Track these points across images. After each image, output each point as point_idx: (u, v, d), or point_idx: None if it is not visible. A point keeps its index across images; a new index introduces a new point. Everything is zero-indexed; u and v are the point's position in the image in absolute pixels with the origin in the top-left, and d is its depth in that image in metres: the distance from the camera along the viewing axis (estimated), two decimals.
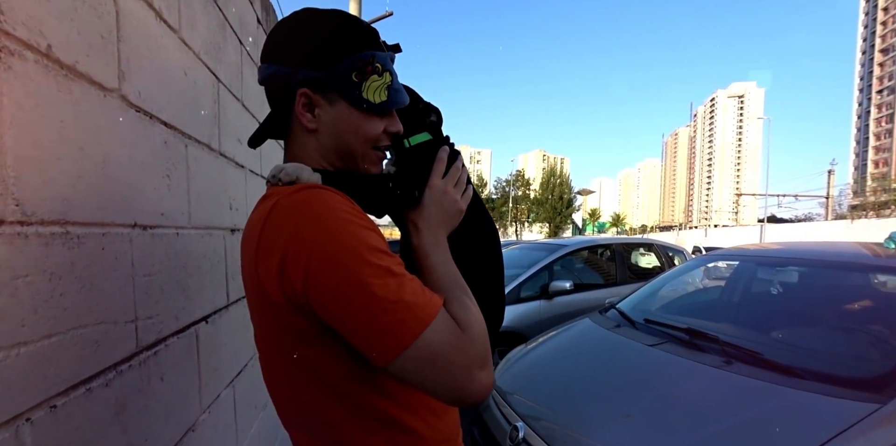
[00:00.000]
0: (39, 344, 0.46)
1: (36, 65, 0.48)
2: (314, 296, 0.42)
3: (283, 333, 0.47)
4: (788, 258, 2.25)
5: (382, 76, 0.55)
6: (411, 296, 0.43)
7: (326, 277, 0.41)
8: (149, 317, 0.68)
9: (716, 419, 1.20)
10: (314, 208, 0.45)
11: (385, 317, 0.41)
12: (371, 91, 0.54)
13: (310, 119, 0.54)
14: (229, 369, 1.03)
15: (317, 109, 0.54)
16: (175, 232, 0.79)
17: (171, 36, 0.84)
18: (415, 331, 0.42)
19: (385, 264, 0.44)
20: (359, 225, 0.45)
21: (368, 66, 0.54)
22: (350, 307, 0.41)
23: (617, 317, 2.25)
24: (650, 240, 4.82)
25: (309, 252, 0.42)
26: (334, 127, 0.55)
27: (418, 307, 0.43)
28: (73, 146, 0.54)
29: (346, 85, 0.53)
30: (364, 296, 0.41)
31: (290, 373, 0.49)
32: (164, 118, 0.79)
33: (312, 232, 0.43)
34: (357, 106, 0.54)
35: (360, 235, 0.44)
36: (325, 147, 0.56)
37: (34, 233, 0.46)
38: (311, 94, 0.53)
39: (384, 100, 0.55)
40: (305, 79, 0.52)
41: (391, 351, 0.41)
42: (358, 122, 0.55)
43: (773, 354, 1.49)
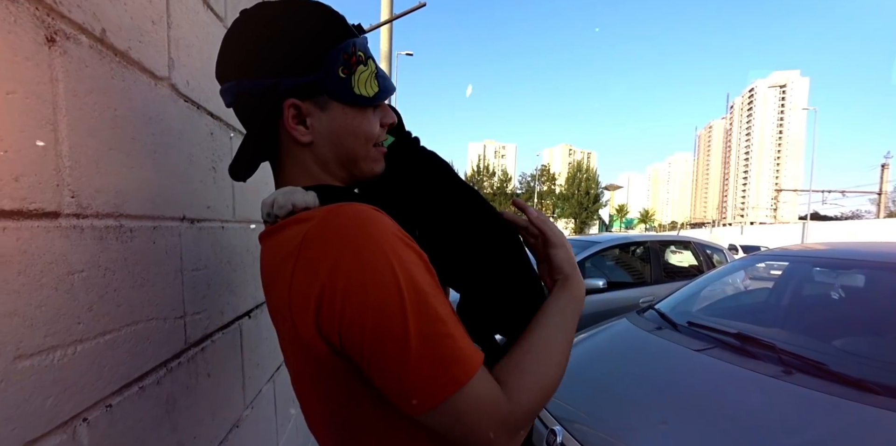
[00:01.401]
0: (95, 341, 0.44)
1: (91, 50, 0.46)
2: (349, 343, 0.38)
3: (327, 384, 0.43)
4: (853, 260, 2.07)
5: (367, 64, 0.49)
6: (451, 349, 0.38)
7: (361, 324, 0.37)
8: (196, 312, 0.67)
9: (779, 434, 1.11)
10: (351, 238, 0.39)
11: (417, 372, 0.37)
12: (362, 84, 0.48)
13: (303, 132, 0.47)
14: (270, 364, 1.03)
15: (308, 119, 0.47)
16: (221, 225, 0.78)
17: (218, 24, 0.82)
18: (446, 391, 0.37)
19: (431, 311, 0.39)
20: (405, 258, 0.40)
21: (353, 57, 0.47)
22: (383, 357, 0.37)
23: (657, 319, 2.14)
24: (687, 238, 4.60)
25: (344, 296, 0.37)
26: (332, 134, 0.48)
27: (454, 364, 0.38)
28: (125, 136, 0.52)
29: (335, 83, 0.46)
30: (399, 347, 0.37)
31: (330, 414, 0.45)
32: (211, 109, 0.77)
33: (347, 271, 0.37)
34: (352, 104, 0.48)
35: (408, 272, 0.39)
36: (325, 158, 0.49)
37: (89, 226, 0.45)
38: (299, 104, 0.46)
39: (377, 90, 0.49)
40: (291, 88, 0.45)
41: (420, 408, 0.38)
42: (355, 123, 0.49)
43: (840, 365, 1.37)
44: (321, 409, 0.46)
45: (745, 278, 2.92)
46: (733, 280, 2.87)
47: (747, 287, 2.86)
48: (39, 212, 0.38)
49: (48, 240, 0.39)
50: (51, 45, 0.41)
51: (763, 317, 2.20)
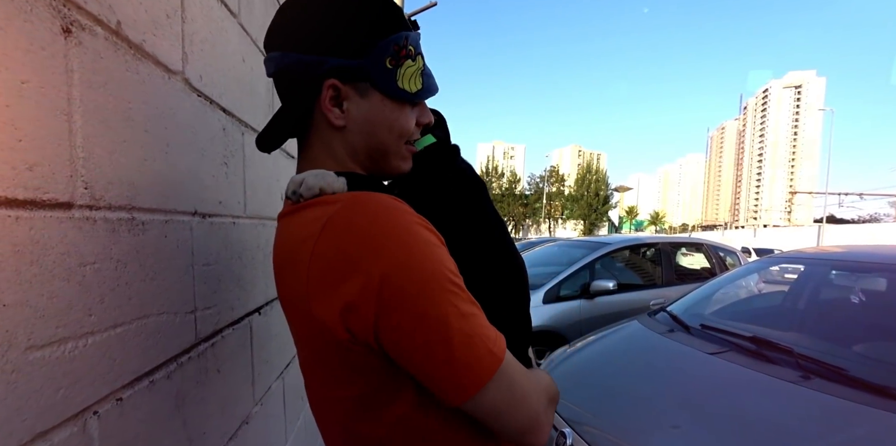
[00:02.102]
0: (106, 334, 0.44)
1: (106, 42, 0.46)
2: (385, 329, 0.37)
3: (343, 369, 0.42)
4: (874, 263, 2.01)
5: (416, 60, 0.48)
6: (486, 328, 0.39)
7: (402, 309, 0.36)
8: (207, 307, 0.67)
9: (798, 441, 1.07)
10: (384, 222, 0.38)
11: (464, 353, 0.37)
12: (406, 78, 0.47)
13: (337, 115, 0.46)
14: (279, 361, 1.03)
15: (345, 103, 0.46)
16: (232, 221, 0.78)
17: (231, 20, 0.82)
18: (493, 366, 0.38)
19: (460, 291, 0.39)
20: (431, 242, 0.39)
21: (403, 50, 0.46)
22: (427, 343, 0.36)
23: (668, 321, 2.11)
24: (700, 240, 4.53)
25: (382, 281, 0.36)
26: (366, 123, 0.47)
27: (491, 340, 0.39)
28: (138, 128, 0.52)
29: (381, 73, 0.46)
30: (443, 330, 0.36)
31: (346, 410, 0.44)
32: (224, 104, 0.77)
33: (384, 255, 0.36)
34: (393, 96, 0.47)
35: (436, 257, 0.38)
36: (354, 145, 0.48)
37: (102, 218, 0.44)
38: (340, 86, 0.45)
39: (420, 88, 0.48)
40: (335, 68, 0.44)
41: (470, 388, 0.37)
42: (392, 116, 0.48)
43: (861, 371, 1.32)
44: (336, 404, 0.45)
45: (759, 282, 2.86)
46: (746, 283, 2.81)
47: (761, 290, 2.81)
48: (53, 203, 0.38)
49: (61, 230, 0.39)
50: (67, 36, 0.41)
51: (779, 321, 2.15)
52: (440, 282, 0.37)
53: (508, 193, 37.42)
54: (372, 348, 0.38)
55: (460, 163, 0.61)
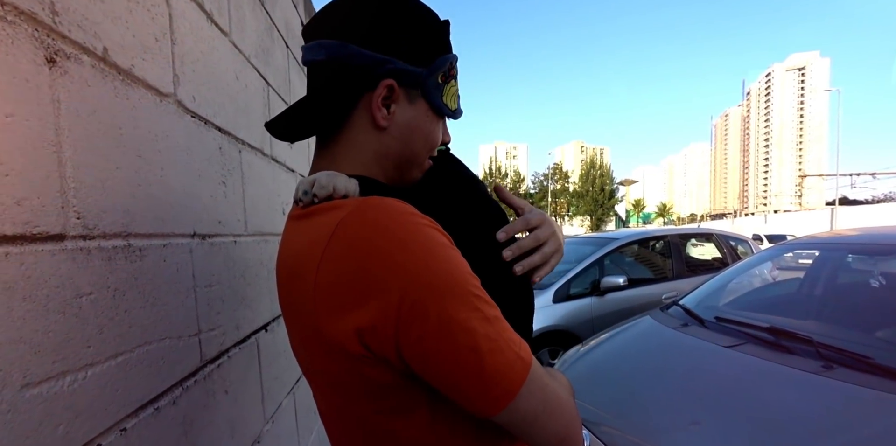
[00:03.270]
0: (106, 364, 0.43)
1: (93, 69, 0.46)
2: (407, 344, 0.35)
3: (354, 386, 0.40)
4: (892, 244, 1.96)
5: (456, 83, 0.52)
6: (510, 332, 0.38)
7: (424, 320, 0.34)
8: (211, 328, 0.66)
9: (823, 434, 1.04)
10: (395, 230, 0.37)
11: (494, 360, 0.35)
12: (449, 96, 0.50)
13: (384, 115, 0.46)
14: (289, 376, 1.02)
15: (393, 106, 0.47)
16: (233, 240, 0.78)
17: (223, 39, 0.82)
18: (524, 371, 0.37)
19: (483, 294, 0.37)
20: (445, 244, 0.38)
21: (453, 69, 0.50)
22: (455, 352, 0.35)
23: (682, 315, 2.07)
24: (709, 230, 4.46)
25: (401, 298, 0.34)
26: (407, 128, 0.48)
27: (519, 345, 0.38)
28: (131, 154, 0.51)
29: (432, 85, 0.48)
30: (470, 337, 0.35)
31: (363, 430, 0.43)
32: (219, 123, 0.77)
33: (403, 262, 0.35)
34: (436, 109, 0.49)
35: (452, 259, 0.37)
36: (388, 149, 0.48)
37: (97, 247, 0.44)
38: (396, 87, 0.45)
39: (457, 107, 0.52)
40: (398, 70, 0.45)
41: (504, 397, 0.35)
42: (430, 127, 0.50)
43: (887, 358, 1.28)
44: (351, 422, 0.43)
45: (773, 269, 2.80)
46: (760, 272, 2.75)
47: (775, 278, 2.75)
48: (44, 236, 0.38)
49: (54, 263, 0.38)
50: (51, 66, 0.41)
51: (796, 310, 2.11)
52: (461, 285, 0.36)
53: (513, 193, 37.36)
54: (391, 363, 0.37)
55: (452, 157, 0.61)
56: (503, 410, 0.36)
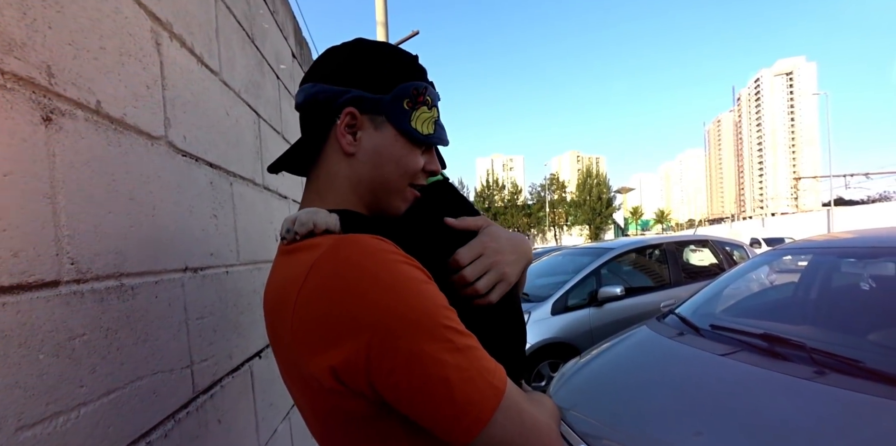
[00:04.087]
0: (98, 402, 0.45)
1: (86, 122, 0.50)
2: (379, 377, 0.37)
3: (334, 416, 0.42)
4: (880, 247, 1.99)
5: (431, 110, 0.53)
6: (484, 360, 0.39)
7: (394, 354, 0.36)
8: (204, 359, 0.68)
9: (814, 441, 1.05)
10: (367, 267, 0.39)
11: (464, 388, 0.36)
12: (420, 121, 0.51)
13: (350, 141, 0.49)
14: (284, 402, 1.03)
15: (359, 132, 0.50)
16: (225, 270, 0.80)
17: (213, 79, 0.86)
18: (495, 399, 0.38)
19: (456, 325, 0.39)
20: (418, 279, 0.40)
21: (420, 96, 0.51)
22: (424, 384, 0.36)
23: (678, 324, 2.08)
24: (704, 237, 4.49)
25: (371, 336, 0.36)
26: (375, 154, 0.50)
27: (492, 373, 0.39)
28: (123, 197, 0.55)
29: (397, 110, 0.50)
30: (438, 368, 0.36)
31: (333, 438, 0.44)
32: (210, 159, 0.80)
33: (373, 300, 0.37)
34: (405, 133, 0.50)
35: (423, 293, 0.39)
36: (360, 175, 0.51)
37: (89, 290, 0.46)
38: (357, 114, 0.49)
39: (431, 133, 0.52)
40: (355, 98, 0.48)
41: (475, 426, 0.37)
42: (401, 152, 0.51)
43: (879, 362, 1.29)
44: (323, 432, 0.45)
45: (771, 273, 2.82)
46: (757, 276, 2.77)
47: (773, 282, 2.75)
48: (39, 284, 0.40)
49: (48, 309, 0.41)
50: (47, 124, 0.44)
51: (790, 315, 2.12)
52: (431, 318, 0.38)
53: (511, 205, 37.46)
54: (366, 396, 0.39)
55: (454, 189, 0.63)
56: (476, 438, 0.37)
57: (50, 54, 0.45)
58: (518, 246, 0.56)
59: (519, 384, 0.60)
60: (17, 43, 0.41)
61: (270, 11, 1.36)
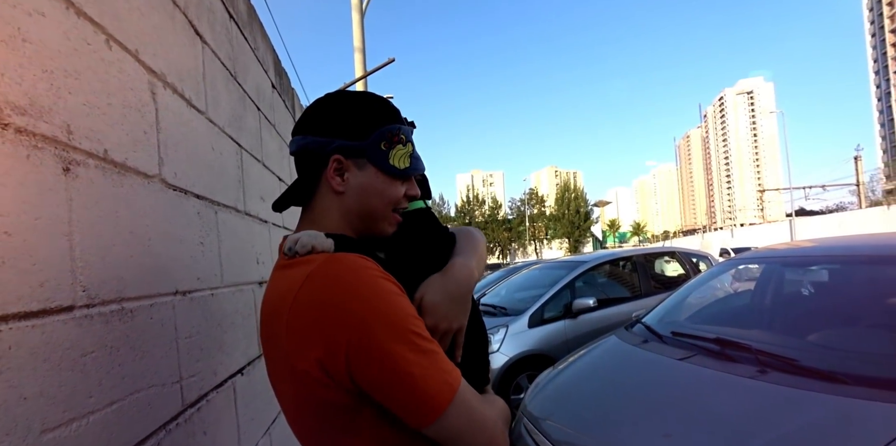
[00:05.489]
0: (104, 411, 0.52)
1: (96, 169, 0.58)
2: (357, 369, 0.45)
3: (318, 407, 0.49)
4: (814, 256, 2.19)
5: (406, 146, 0.61)
6: (443, 362, 0.49)
7: (368, 351, 0.45)
8: (191, 375, 0.75)
9: (754, 433, 1.16)
10: (351, 281, 0.48)
11: (424, 383, 0.45)
12: (397, 158, 0.60)
13: (339, 182, 0.59)
14: (265, 417, 1.08)
15: (346, 174, 0.59)
16: (210, 293, 0.87)
17: (200, 118, 0.96)
18: (449, 394, 0.47)
19: (421, 332, 0.49)
20: (393, 291, 0.49)
21: (395, 137, 0.60)
22: (393, 377, 0.45)
23: (644, 332, 2.20)
24: (672, 248, 4.73)
25: (353, 328, 0.45)
26: (361, 190, 0.59)
27: (449, 373, 0.48)
28: (125, 231, 0.63)
29: (376, 152, 0.59)
30: (404, 365, 0.45)
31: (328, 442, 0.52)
32: (197, 191, 0.89)
33: (353, 307, 0.46)
34: (384, 171, 0.59)
35: (396, 304, 0.48)
36: (349, 208, 0.60)
37: (97, 313, 0.54)
38: (343, 160, 0.58)
39: (407, 166, 0.61)
40: (340, 146, 0.57)
41: (431, 414, 0.46)
42: (383, 186, 0.60)
43: (812, 360, 1.43)
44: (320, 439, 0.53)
45: (734, 281, 3.00)
46: (721, 284, 2.94)
47: (736, 290, 2.94)
48: (59, 309, 0.48)
49: (65, 330, 0.48)
50: (66, 174, 0.53)
51: (744, 320, 2.27)
52: (401, 325, 0.46)
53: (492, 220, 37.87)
54: (346, 387, 0.47)
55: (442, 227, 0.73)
56: (432, 424, 0.46)
57: (69, 115, 0.54)
58: (457, 295, 0.60)
59: (484, 391, 0.68)
60: (45, 109, 0.50)
61: (252, 48, 1.46)
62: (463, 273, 0.62)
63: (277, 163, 1.56)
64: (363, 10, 5.49)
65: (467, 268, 0.64)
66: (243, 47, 1.34)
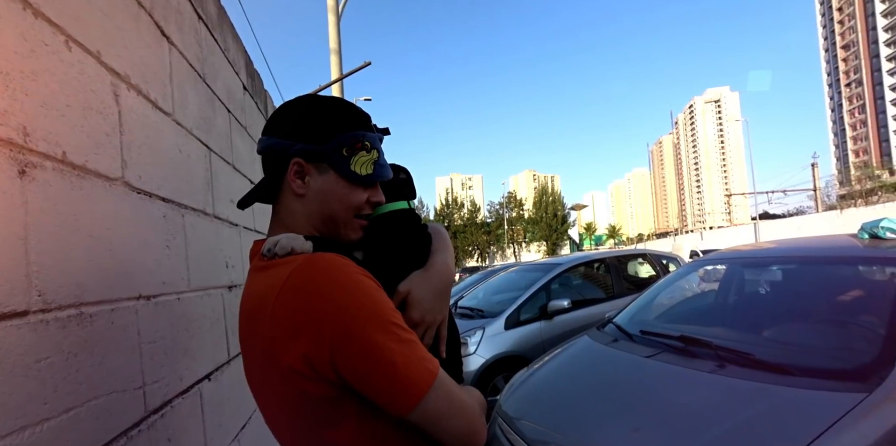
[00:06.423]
0: (59, 418, 0.51)
1: (53, 171, 0.57)
2: (340, 360, 0.47)
3: (304, 402, 0.51)
4: (771, 257, 2.33)
5: (370, 153, 0.62)
6: (422, 351, 0.51)
7: (351, 341, 0.47)
8: (155, 381, 0.73)
9: (712, 424, 1.22)
10: (333, 277, 0.50)
11: (405, 370, 0.48)
12: (359, 164, 0.61)
13: (299, 185, 0.60)
14: (234, 423, 1.06)
15: (307, 177, 0.60)
16: (176, 297, 0.86)
17: (167, 120, 0.94)
18: (430, 379, 0.49)
19: (401, 323, 0.51)
20: (371, 287, 0.51)
21: (358, 143, 0.61)
22: (376, 365, 0.47)
23: (614, 331, 2.27)
24: (643, 251, 4.89)
25: (335, 320, 0.47)
26: (321, 193, 0.60)
27: (428, 361, 0.51)
28: (84, 235, 0.62)
29: (337, 157, 0.59)
30: (387, 354, 0.47)
31: (307, 441, 0.53)
32: (163, 194, 0.88)
33: (336, 300, 0.48)
34: (345, 176, 0.60)
35: (375, 298, 0.50)
36: (311, 212, 0.61)
37: (53, 318, 0.53)
38: (303, 163, 0.59)
39: (369, 173, 0.62)
40: (300, 150, 0.58)
41: (413, 399, 0.48)
42: (343, 191, 0.61)
43: (765, 354, 1.52)
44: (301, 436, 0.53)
45: (701, 281, 3.14)
46: (689, 284, 3.07)
47: (703, 290, 3.07)
48: (12, 313, 0.47)
49: (19, 335, 0.48)
50: (22, 176, 0.52)
51: (709, 318, 2.38)
52: (381, 316, 0.49)
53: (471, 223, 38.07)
54: (329, 380, 0.48)
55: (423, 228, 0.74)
56: (413, 409, 0.48)
57: (26, 116, 0.53)
58: (441, 291, 0.64)
59: None
60: (0, 111, 0.49)
61: (222, 50, 1.45)
62: (444, 269, 0.67)
63: (249, 166, 1.55)
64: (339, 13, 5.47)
65: (447, 265, 0.68)
66: (213, 49, 1.33)
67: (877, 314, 1.63)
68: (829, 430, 1.06)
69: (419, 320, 0.61)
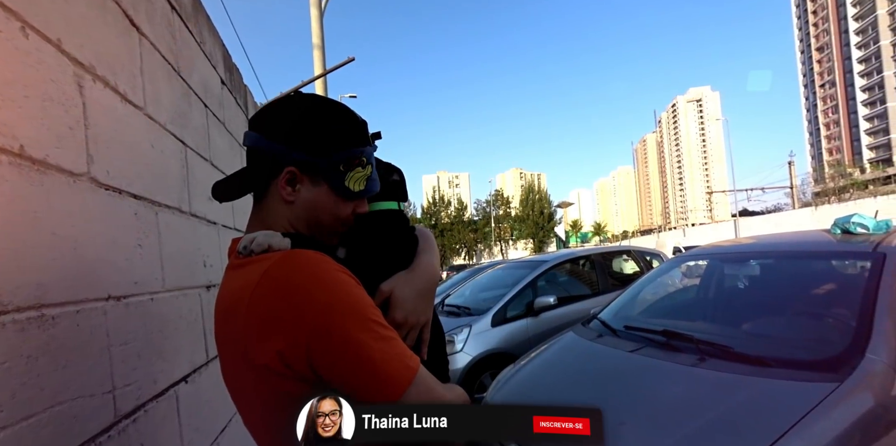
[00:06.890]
0: (17, 426, 0.49)
1: (10, 166, 0.54)
2: (317, 358, 0.46)
3: (280, 400, 0.49)
4: (747, 253, 2.39)
5: (365, 169, 0.61)
6: (402, 348, 0.50)
7: (328, 338, 0.46)
8: (126, 384, 0.71)
9: (694, 416, 1.25)
10: (310, 273, 0.49)
11: (385, 366, 0.47)
12: (353, 181, 0.60)
13: (289, 192, 0.58)
14: (213, 426, 1.04)
15: (298, 185, 0.58)
16: (149, 297, 0.83)
17: (138, 114, 0.91)
18: (410, 375, 0.48)
19: (380, 320, 0.50)
20: (349, 283, 0.50)
21: (356, 160, 0.59)
22: (354, 362, 0.46)
23: (599, 327, 2.30)
24: (627, 247, 4.97)
25: (312, 317, 0.45)
26: (311, 204, 0.59)
27: (408, 357, 0.50)
28: (45, 232, 0.59)
29: (333, 173, 0.58)
30: (365, 350, 0.46)
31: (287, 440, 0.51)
32: (134, 191, 0.84)
33: (313, 296, 0.47)
34: (338, 192, 0.59)
35: (354, 294, 0.49)
36: (297, 217, 0.60)
37: (10, 321, 0.50)
38: (297, 173, 0.57)
39: (362, 189, 0.61)
40: (297, 159, 0.56)
41: (393, 395, 0.47)
42: (333, 205, 0.60)
43: (743, 346, 1.56)
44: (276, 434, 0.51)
45: (684, 277, 3.20)
46: (672, 280, 3.13)
47: (685, 285, 3.13)
48: None
49: None
50: None
51: (691, 313, 2.43)
52: (360, 313, 0.48)
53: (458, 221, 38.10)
54: (306, 378, 0.47)
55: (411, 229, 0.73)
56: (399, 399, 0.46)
57: None
58: (425, 291, 0.64)
59: None
60: None
61: (198, 42, 1.40)
62: (430, 270, 0.66)
63: (228, 162, 1.51)
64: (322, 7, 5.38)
65: (433, 266, 0.67)
66: (188, 41, 1.29)
67: (848, 306, 1.68)
68: (803, 419, 1.09)
69: (402, 321, 0.60)
